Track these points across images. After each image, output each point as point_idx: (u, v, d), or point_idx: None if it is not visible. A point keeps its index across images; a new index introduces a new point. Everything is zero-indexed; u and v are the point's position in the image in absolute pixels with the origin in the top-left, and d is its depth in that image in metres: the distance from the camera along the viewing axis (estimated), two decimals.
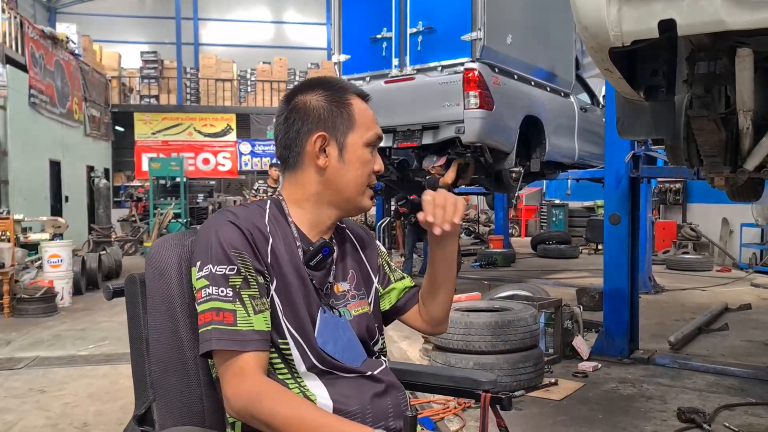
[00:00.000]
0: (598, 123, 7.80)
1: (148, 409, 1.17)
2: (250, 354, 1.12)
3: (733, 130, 2.60)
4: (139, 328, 1.20)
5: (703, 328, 5.48)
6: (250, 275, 1.16)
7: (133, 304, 1.21)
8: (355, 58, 6.57)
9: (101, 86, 17.26)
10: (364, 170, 1.30)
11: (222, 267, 1.14)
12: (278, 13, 23.17)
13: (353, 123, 1.29)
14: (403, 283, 1.48)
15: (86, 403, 3.81)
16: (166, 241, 1.23)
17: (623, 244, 4.63)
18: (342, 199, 1.30)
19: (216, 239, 1.17)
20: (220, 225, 1.19)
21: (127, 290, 1.23)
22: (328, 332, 1.25)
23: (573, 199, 14.92)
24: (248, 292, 1.15)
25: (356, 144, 1.29)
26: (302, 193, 1.30)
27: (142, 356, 1.19)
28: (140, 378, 1.19)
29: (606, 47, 2.10)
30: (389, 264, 1.49)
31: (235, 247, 1.16)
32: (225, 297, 1.12)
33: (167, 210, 13.91)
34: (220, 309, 1.12)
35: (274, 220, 1.27)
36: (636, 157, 4.64)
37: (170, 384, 1.16)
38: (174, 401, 1.16)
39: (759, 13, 1.81)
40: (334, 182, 1.28)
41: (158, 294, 1.18)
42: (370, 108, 1.35)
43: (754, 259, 9.86)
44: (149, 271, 1.20)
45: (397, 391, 1.31)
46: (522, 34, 6.29)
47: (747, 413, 3.51)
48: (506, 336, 3.86)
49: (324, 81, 1.33)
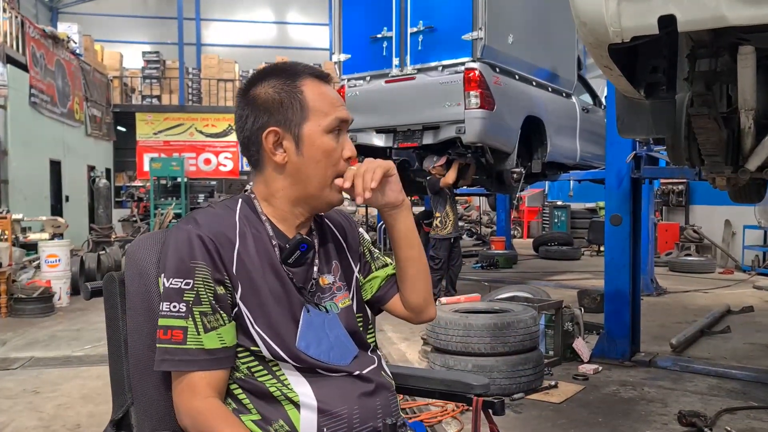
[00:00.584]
0: (600, 123, 7.75)
1: (125, 413, 1.13)
2: (198, 373, 1.10)
3: (734, 129, 2.55)
4: (117, 330, 1.17)
5: (705, 330, 5.44)
6: (207, 287, 1.12)
7: (112, 305, 1.18)
8: (355, 57, 6.54)
9: (103, 86, 17.26)
10: (329, 161, 1.21)
11: (177, 281, 1.11)
12: (281, 13, 23.18)
13: (307, 111, 1.20)
14: (384, 271, 1.41)
15: (79, 404, 3.78)
16: (145, 239, 1.19)
17: (624, 245, 4.58)
18: (307, 195, 1.22)
19: (173, 250, 1.13)
20: (178, 234, 1.15)
21: (105, 290, 1.19)
22: (312, 333, 1.20)
23: (575, 201, 14.87)
24: (200, 309, 1.11)
25: (314, 133, 1.20)
26: (269, 191, 1.24)
27: (120, 358, 1.15)
28: (118, 381, 1.15)
29: (605, 43, 2.06)
30: (371, 251, 1.42)
31: (193, 257, 1.12)
32: (177, 313, 1.10)
33: (168, 210, 13.89)
34: (169, 327, 1.10)
35: (246, 220, 1.21)
36: (638, 157, 4.60)
37: (149, 388, 1.12)
38: (152, 405, 1.12)
39: (762, 8, 1.76)
40: (296, 178, 1.21)
41: (137, 294, 1.14)
42: (331, 89, 1.25)
43: (757, 261, 9.80)
44: (128, 270, 1.16)
45: (387, 391, 1.27)
46: (523, 34, 6.25)
47: (749, 417, 3.47)
48: (505, 338, 3.82)
49: (276, 68, 1.25)
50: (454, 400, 1.34)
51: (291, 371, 1.17)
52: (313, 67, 1.27)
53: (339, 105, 1.23)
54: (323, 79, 1.25)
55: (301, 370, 1.17)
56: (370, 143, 6.28)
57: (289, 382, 1.16)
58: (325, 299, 1.25)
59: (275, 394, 1.15)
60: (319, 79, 1.24)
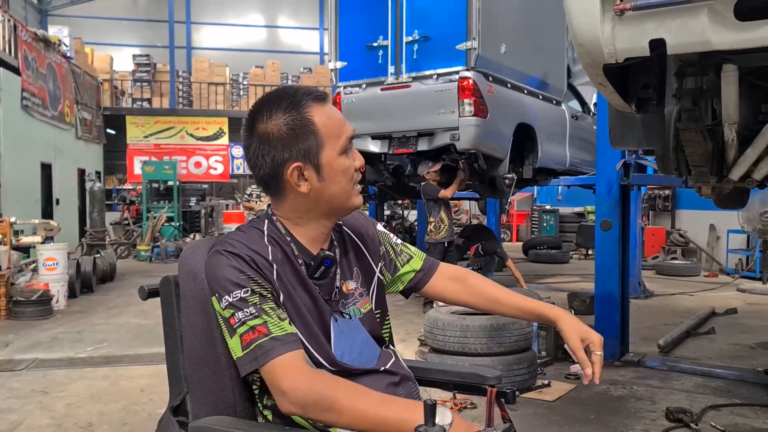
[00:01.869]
0: (589, 130, 7.94)
1: (182, 401, 1.26)
2: (295, 352, 1.17)
3: (719, 141, 2.72)
4: (174, 326, 1.29)
5: (691, 331, 5.62)
6: (264, 290, 1.20)
7: (168, 304, 1.30)
8: (351, 65, 6.67)
9: (93, 89, 17.27)
10: (347, 177, 1.28)
11: (237, 292, 1.18)
12: (271, 17, 23.26)
13: (322, 140, 1.24)
14: (411, 266, 1.49)
15: (88, 403, 3.88)
16: (198, 246, 1.31)
17: (614, 249, 4.75)
18: (333, 209, 1.30)
19: (221, 270, 1.20)
20: (218, 258, 1.22)
21: (162, 291, 1.32)
22: (344, 341, 1.30)
23: (564, 205, 15.09)
24: (268, 305, 1.19)
25: (331, 159, 1.25)
26: (293, 214, 1.31)
27: (176, 352, 1.28)
28: (174, 372, 1.28)
29: (600, 63, 2.22)
30: (394, 247, 1.50)
31: (241, 272, 1.19)
32: (252, 315, 1.17)
33: (160, 213, 13.93)
34: (253, 327, 1.16)
35: (274, 241, 1.28)
36: (627, 165, 4.78)
37: (203, 378, 1.24)
38: (207, 393, 1.24)
39: (743, 34, 1.93)
40: (321, 199, 1.27)
41: (191, 295, 1.26)
42: (334, 108, 1.29)
43: (740, 264, 10.04)
44: (182, 273, 1.28)
45: (410, 381, 1.40)
46: (515, 43, 6.42)
47: (733, 413, 3.64)
48: (501, 339, 3.97)
49: (276, 97, 1.27)
50: (469, 391, 1.47)
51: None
52: (313, 90, 1.29)
53: (345, 124, 1.28)
54: (324, 101, 1.28)
55: (337, 374, 1.27)
56: (366, 149, 6.41)
57: None
58: (348, 305, 1.35)
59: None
60: (322, 101, 1.27)
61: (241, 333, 1.17)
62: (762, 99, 2.64)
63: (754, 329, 5.94)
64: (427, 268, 1.51)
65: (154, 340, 5.47)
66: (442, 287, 1.51)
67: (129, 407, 3.80)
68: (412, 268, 1.50)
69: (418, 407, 1.08)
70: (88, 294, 8.20)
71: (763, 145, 2.54)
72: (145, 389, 4.13)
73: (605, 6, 2.07)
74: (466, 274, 1.53)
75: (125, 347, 5.33)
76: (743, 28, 1.93)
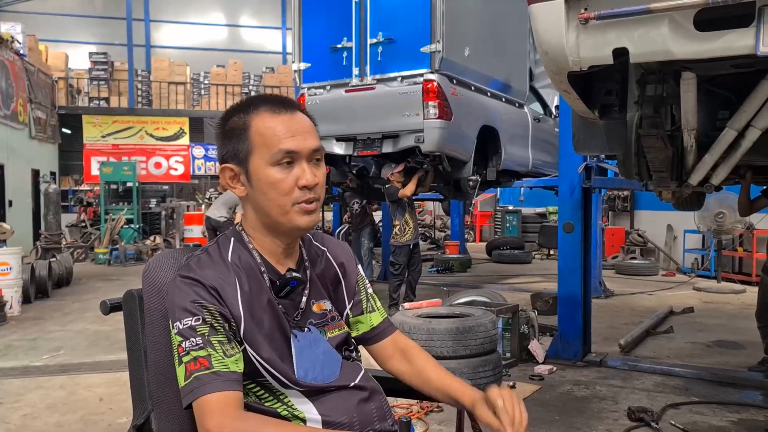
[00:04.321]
0: (551, 133, 8.06)
1: (146, 419, 1.22)
2: (231, 393, 1.12)
3: (678, 147, 2.79)
4: (138, 342, 1.25)
5: (650, 331, 5.75)
6: (216, 322, 1.16)
7: (132, 319, 1.26)
8: (315, 66, 6.62)
9: (47, 87, 16.78)
10: (277, 191, 1.22)
11: (188, 320, 1.15)
12: (233, 16, 22.99)
13: (252, 146, 1.22)
14: (371, 318, 1.46)
15: (45, 414, 3.75)
16: (162, 259, 1.28)
17: (576, 250, 4.83)
18: (273, 222, 1.26)
19: (178, 297, 1.17)
20: (179, 284, 1.19)
21: (125, 306, 1.28)
22: (305, 357, 1.27)
23: (526, 206, 15.30)
24: (217, 338, 1.15)
25: (259, 168, 1.22)
26: (249, 222, 1.30)
27: (141, 368, 1.24)
28: (139, 389, 1.24)
29: (565, 71, 2.25)
30: (366, 291, 1.48)
31: (196, 300, 1.16)
32: (197, 346, 1.13)
33: (119, 215, 13.62)
34: (196, 358, 1.13)
35: (238, 260, 1.26)
36: (588, 168, 4.86)
37: (169, 395, 1.21)
38: (173, 411, 1.21)
39: (703, 44, 1.98)
40: (258, 208, 1.26)
41: (157, 310, 1.23)
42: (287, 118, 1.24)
43: (696, 264, 10.34)
44: (147, 287, 1.25)
45: (379, 395, 1.38)
46: (479, 47, 6.47)
47: (691, 411, 3.74)
48: (467, 341, 3.99)
49: (244, 100, 1.29)
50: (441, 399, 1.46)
51: (295, 396, 1.26)
52: (273, 97, 1.27)
53: (288, 136, 1.22)
54: (280, 108, 1.24)
55: (305, 393, 1.26)
56: (330, 151, 6.38)
57: (293, 404, 1.25)
58: (317, 324, 1.32)
59: (283, 414, 1.24)
60: (274, 108, 1.24)
61: (186, 362, 1.14)
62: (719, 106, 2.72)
63: (710, 327, 6.11)
64: (383, 329, 1.47)
65: (112, 347, 5.33)
66: (389, 355, 1.48)
67: (87, 417, 3.69)
68: (371, 322, 1.46)
69: None
70: (44, 299, 7.96)
71: (720, 151, 2.62)
72: (105, 398, 4.01)
73: (570, 15, 2.10)
74: (413, 350, 1.49)
75: (83, 355, 5.18)
76: (703, 39, 1.98)
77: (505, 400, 1.26)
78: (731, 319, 6.54)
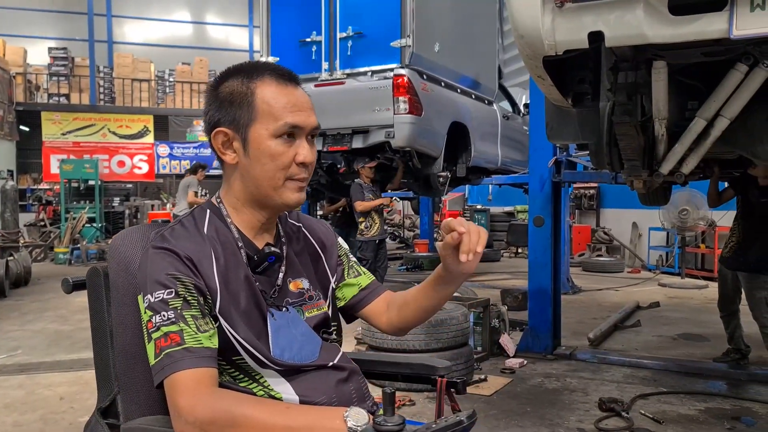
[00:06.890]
0: (520, 130, 8.12)
1: (112, 401, 1.15)
2: (204, 369, 1.07)
3: (649, 137, 2.81)
4: (103, 321, 1.18)
5: (618, 325, 5.82)
6: (190, 296, 1.11)
7: (96, 297, 1.19)
8: (283, 60, 6.52)
9: (5, 83, 16.30)
10: (276, 164, 1.19)
11: (160, 292, 1.09)
12: (199, 13, 22.64)
13: (255, 114, 1.18)
14: (358, 281, 1.43)
15: (2, 414, 3.60)
16: (129, 234, 1.21)
17: (547, 245, 4.85)
18: (261, 194, 1.22)
19: (151, 268, 1.12)
20: (152, 254, 1.14)
21: (89, 283, 1.21)
22: (282, 336, 1.22)
23: (494, 204, 15.40)
24: (190, 312, 1.10)
25: (260, 137, 1.18)
26: (231, 193, 1.25)
27: (106, 349, 1.17)
28: (104, 371, 1.17)
29: (540, 55, 2.24)
30: (348, 259, 1.45)
31: (170, 271, 1.11)
32: (168, 321, 1.08)
33: (81, 214, 13.26)
34: (167, 333, 1.07)
35: (214, 231, 1.21)
36: (558, 162, 4.89)
37: (136, 376, 1.14)
38: (140, 393, 1.14)
39: (677, 28, 1.98)
40: (248, 178, 1.21)
41: (123, 286, 1.16)
42: (293, 91, 1.21)
43: (661, 260, 10.53)
44: (113, 264, 1.18)
45: (358, 375, 1.34)
46: (449, 43, 6.47)
47: (660, 401, 3.78)
48: (439, 335, 3.97)
49: (243, 66, 1.24)
50: (419, 381, 1.43)
51: (272, 376, 1.20)
52: (279, 67, 1.24)
53: (295, 110, 1.20)
54: (286, 80, 1.22)
55: (281, 373, 1.21)
56: None
57: (270, 384, 1.20)
58: (295, 303, 1.28)
59: (259, 394, 1.19)
60: (281, 79, 1.21)
61: (155, 338, 1.08)
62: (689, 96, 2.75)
63: (675, 321, 6.22)
64: (373, 288, 1.44)
65: (73, 346, 5.17)
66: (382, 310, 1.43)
67: (47, 417, 3.55)
68: (358, 283, 1.43)
69: (325, 414, 1.03)
70: (1, 299, 7.68)
71: (690, 140, 2.64)
72: (65, 397, 3.87)
73: None
74: (399, 294, 1.45)
75: (42, 354, 5.01)
76: (677, 23, 1.98)
77: (461, 222, 1.22)
78: (695, 313, 6.66)
